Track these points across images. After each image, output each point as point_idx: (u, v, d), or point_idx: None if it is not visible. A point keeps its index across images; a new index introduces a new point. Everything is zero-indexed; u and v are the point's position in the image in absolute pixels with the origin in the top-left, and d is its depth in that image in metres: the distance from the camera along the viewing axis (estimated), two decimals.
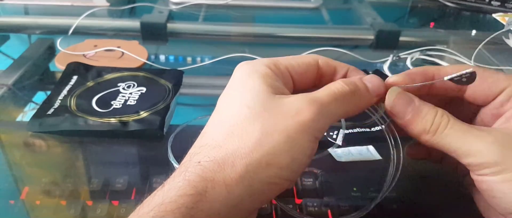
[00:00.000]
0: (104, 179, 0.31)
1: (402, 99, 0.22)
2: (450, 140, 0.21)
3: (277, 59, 0.23)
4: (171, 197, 0.19)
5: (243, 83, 0.22)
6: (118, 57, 0.51)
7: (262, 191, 0.20)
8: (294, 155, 0.20)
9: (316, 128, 0.20)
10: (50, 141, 0.36)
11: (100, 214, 0.28)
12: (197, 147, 0.21)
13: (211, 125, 0.22)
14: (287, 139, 0.19)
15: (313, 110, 0.20)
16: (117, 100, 0.40)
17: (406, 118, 0.22)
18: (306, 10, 0.72)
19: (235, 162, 0.19)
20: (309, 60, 0.24)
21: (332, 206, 0.29)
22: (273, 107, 0.20)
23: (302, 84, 0.24)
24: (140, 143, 0.36)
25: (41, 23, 0.60)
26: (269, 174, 0.19)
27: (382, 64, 0.52)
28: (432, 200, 0.31)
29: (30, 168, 0.33)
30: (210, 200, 0.19)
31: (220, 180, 0.19)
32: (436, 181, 0.32)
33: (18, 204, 0.29)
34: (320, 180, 0.32)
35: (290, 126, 0.20)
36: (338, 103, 0.21)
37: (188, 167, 0.20)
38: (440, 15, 0.75)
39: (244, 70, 0.23)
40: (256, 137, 0.19)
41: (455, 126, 0.21)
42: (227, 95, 0.22)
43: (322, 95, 0.21)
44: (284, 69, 0.23)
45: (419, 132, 0.22)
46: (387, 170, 0.27)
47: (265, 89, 0.21)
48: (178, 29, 0.59)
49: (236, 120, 0.20)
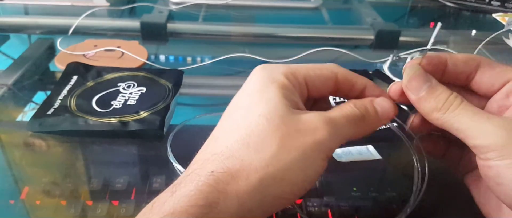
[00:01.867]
0: (104, 179, 0.31)
1: (419, 77, 0.23)
2: (460, 119, 0.21)
3: (296, 68, 0.23)
4: (182, 206, 0.18)
5: (260, 93, 0.21)
6: (118, 57, 0.51)
7: (272, 205, 0.20)
8: (307, 172, 0.20)
9: (329, 147, 0.21)
10: (50, 141, 0.36)
11: (100, 214, 0.28)
12: (210, 153, 0.20)
13: (224, 130, 0.21)
14: (303, 156, 0.20)
15: (329, 129, 0.20)
16: (117, 100, 0.40)
17: (420, 94, 0.22)
18: (306, 10, 0.72)
19: (250, 175, 0.19)
20: (328, 73, 0.24)
21: (332, 206, 0.29)
22: (291, 122, 0.20)
23: (316, 94, 0.24)
24: (140, 143, 0.36)
25: (41, 23, 0.60)
26: (282, 189, 0.19)
27: (382, 64, 0.52)
28: (432, 199, 0.31)
29: (30, 168, 0.33)
30: (220, 211, 0.18)
31: (232, 192, 0.19)
32: (436, 181, 0.32)
33: (18, 204, 0.29)
34: (320, 180, 0.32)
35: (307, 143, 0.20)
36: (350, 125, 0.21)
37: (201, 175, 0.19)
38: (440, 15, 0.75)
39: (262, 77, 0.22)
40: (273, 151, 0.19)
41: (466, 107, 0.21)
42: (242, 100, 0.22)
43: (336, 116, 0.21)
44: (302, 80, 0.23)
45: (431, 109, 0.22)
46: (388, 170, 0.27)
47: (283, 103, 0.21)
48: (178, 29, 0.59)
49: (253, 130, 0.20)
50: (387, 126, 0.37)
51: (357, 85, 0.24)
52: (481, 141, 0.20)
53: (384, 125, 0.24)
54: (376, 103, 0.23)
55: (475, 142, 0.21)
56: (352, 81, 0.24)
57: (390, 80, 0.47)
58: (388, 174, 0.35)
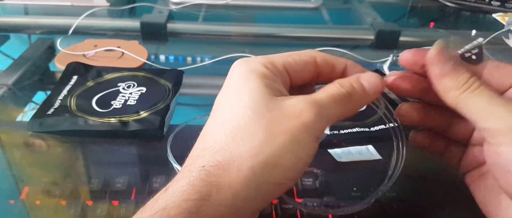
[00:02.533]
0: (104, 179, 0.31)
1: (446, 53, 0.22)
2: (476, 101, 0.21)
3: (274, 57, 0.23)
4: (174, 201, 0.18)
5: (242, 84, 0.22)
6: (118, 57, 0.51)
7: (268, 192, 0.20)
8: (298, 155, 0.20)
9: (317, 128, 0.21)
10: (50, 141, 0.36)
11: (100, 214, 0.28)
12: (200, 149, 0.21)
13: (211, 126, 0.22)
14: (292, 139, 0.20)
15: (314, 111, 0.20)
16: (117, 100, 0.40)
17: (445, 69, 0.22)
18: (306, 10, 0.72)
19: (241, 165, 0.19)
20: (307, 58, 0.24)
21: (332, 206, 0.29)
22: (275, 109, 0.20)
23: (299, 80, 0.24)
24: (140, 143, 0.36)
25: (41, 23, 0.60)
26: (275, 175, 0.20)
27: (382, 64, 0.52)
28: (431, 200, 0.31)
29: (30, 168, 0.33)
30: (214, 204, 0.18)
31: (225, 184, 0.19)
32: (436, 181, 0.32)
33: (18, 204, 0.29)
34: (320, 180, 0.32)
35: (294, 126, 0.20)
36: (336, 105, 0.21)
37: (192, 171, 0.20)
38: (440, 15, 0.75)
39: (242, 70, 0.22)
40: (261, 139, 0.19)
41: (485, 90, 0.21)
42: (226, 96, 0.22)
43: (322, 98, 0.21)
44: (282, 68, 0.23)
45: (451, 86, 0.22)
46: (388, 168, 0.27)
47: (266, 91, 0.21)
48: (178, 29, 0.59)
49: (239, 121, 0.20)
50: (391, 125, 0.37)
51: (337, 67, 0.24)
52: (493, 124, 0.20)
53: (373, 100, 0.24)
54: (362, 79, 0.23)
55: (486, 124, 0.20)
56: (332, 63, 0.24)
57: None
58: (389, 174, 0.35)
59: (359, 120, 0.39)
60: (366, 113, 0.40)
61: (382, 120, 0.38)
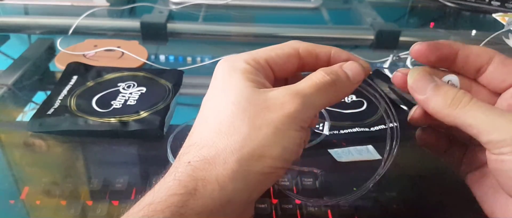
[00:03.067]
0: (104, 179, 0.31)
1: (424, 77, 0.23)
2: (473, 114, 0.21)
3: (256, 52, 0.23)
4: (161, 197, 0.19)
5: (225, 82, 0.22)
6: (118, 57, 0.51)
7: (258, 182, 0.20)
8: (284, 144, 0.20)
9: (301, 118, 0.21)
10: (50, 141, 0.36)
11: (100, 214, 0.28)
12: (186, 147, 0.21)
13: (197, 125, 0.22)
14: (275, 131, 0.20)
15: (297, 101, 0.20)
16: (117, 100, 0.40)
17: (427, 93, 0.22)
18: (306, 10, 0.72)
19: (227, 159, 0.19)
20: (289, 50, 0.24)
21: (332, 207, 0.29)
22: (258, 101, 0.21)
23: (283, 73, 0.24)
24: (140, 143, 0.36)
25: (41, 23, 0.60)
26: (262, 165, 0.20)
27: (382, 64, 0.52)
28: (432, 200, 0.31)
29: (30, 168, 0.33)
30: (201, 197, 0.19)
31: (212, 178, 0.19)
32: (436, 181, 0.32)
33: (18, 204, 0.29)
34: (320, 180, 0.32)
35: (277, 118, 0.20)
36: (320, 93, 0.22)
37: (178, 167, 0.20)
38: (440, 15, 0.75)
39: (224, 68, 0.23)
40: (244, 132, 0.20)
41: (477, 103, 0.21)
42: (211, 94, 0.23)
43: (305, 87, 0.21)
44: (264, 63, 0.23)
45: (440, 106, 0.22)
46: (387, 170, 0.27)
47: (248, 85, 0.21)
48: (178, 29, 0.59)
49: (223, 117, 0.21)
50: (387, 126, 0.37)
51: (321, 55, 0.24)
52: (496, 136, 0.20)
53: (355, 88, 0.24)
54: (346, 68, 0.23)
55: (489, 137, 0.21)
56: (315, 52, 0.24)
57: (390, 80, 0.47)
58: (389, 174, 0.35)
59: (359, 120, 0.39)
60: (366, 113, 0.40)
61: (382, 119, 0.38)
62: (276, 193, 0.30)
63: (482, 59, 0.23)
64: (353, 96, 0.42)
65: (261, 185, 0.21)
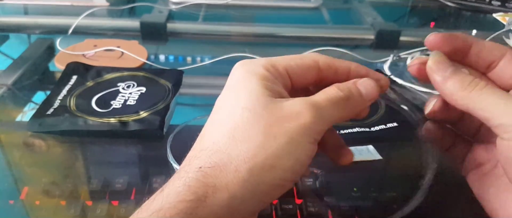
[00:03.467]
0: (103, 179, 0.31)
1: (444, 61, 0.23)
2: (486, 98, 0.21)
3: (276, 60, 0.23)
4: (170, 202, 0.18)
5: (242, 86, 0.22)
6: (118, 57, 0.51)
7: (266, 193, 0.20)
8: (297, 156, 0.20)
9: (315, 130, 0.21)
10: (50, 141, 0.36)
11: (100, 214, 0.28)
12: (197, 150, 0.21)
13: (210, 127, 0.22)
14: (290, 141, 0.20)
15: (313, 113, 0.20)
16: (117, 100, 0.40)
17: (446, 73, 0.22)
18: (306, 10, 0.72)
19: (239, 167, 0.19)
20: (309, 62, 0.24)
21: (333, 207, 0.29)
22: (274, 110, 0.20)
23: (301, 83, 0.24)
24: (139, 143, 0.36)
25: (40, 23, 0.59)
26: (273, 176, 0.19)
27: (383, 64, 0.52)
28: (432, 200, 0.31)
29: (30, 168, 0.33)
30: (210, 205, 0.18)
31: (222, 185, 0.19)
32: (436, 181, 0.32)
33: (18, 204, 0.29)
34: (320, 180, 0.32)
35: (292, 128, 0.20)
36: (334, 108, 0.22)
37: (189, 172, 0.20)
38: (441, 15, 0.75)
39: (242, 72, 0.22)
40: (259, 140, 0.19)
41: (493, 88, 0.21)
42: (226, 97, 0.22)
43: (320, 100, 0.21)
44: (283, 71, 0.23)
45: (456, 88, 0.22)
46: (387, 170, 0.27)
47: (265, 93, 0.21)
48: (178, 29, 0.59)
49: (237, 123, 0.20)
50: (388, 126, 0.37)
51: (340, 70, 0.24)
52: (506, 120, 0.20)
53: (369, 104, 0.24)
54: (359, 85, 0.23)
55: (500, 120, 0.21)
56: (335, 66, 0.24)
57: (390, 80, 0.47)
58: (389, 174, 0.35)
59: (360, 120, 0.39)
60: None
61: (382, 120, 0.38)
62: None
63: (494, 54, 0.23)
64: None
65: (268, 197, 0.20)
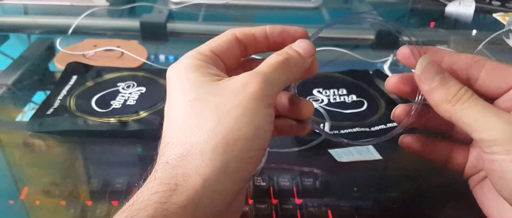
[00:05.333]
0: (103, 179, 0.31)
1: (432, 68, 0.23)
2: (469, 112, 0.21)
3: (200, 47, 0.24)
4: (143, 196, 0.19)
5: (182, 82, 0.22)
6: (118, 57, 0.51)
7: (239, 168, 0.20)
8: (256, 123, 0.20)
9: (266, 94, 0.21)
10: (50, 141, 0.36)
11: (100, 214, 0.28)
12: (161, 149, 0.21)
13: (167, 127, 0.22)
14: (245, 110, 0.20)
15: (259, 79, 0.21)
16: (117, 100, 0.40)
17: (432, 84, 0.23)
18: (306, 10, 0.72)
19: (203, 149, 0.19)
20: (228, 36, 0.25)
21: (332, 206, 0.29)
22: (220, 90, 0.21)
23: (231, 60, 0.25)
24: (139, 143, 0.36)
25: (40, 23, 0.60)
26: (240, 148, 0.20)
27: (383, 64, 0.52)
28: (432, 199, 0.31)
29: (30, 168, 0.33)
30: (184, 191, 0.18)
31: (192, 171, 0.19)
32: (436, 181, 0.32)
33: (18, 204, 0.29)
34: (320, 180, 0.32)
35: (244, 98, 0.20)
36: (278, 71, 0.22)
37: (157, 169, 0.20)
38: (441, 15, 0.75)
39: (176, 71, 0.23)
40: (214, 120, 0.20)
41: (476, 101, 0.22)
42: (172, 98, 0.23)
43: (262, 67, 0.22)
44: (210, 54, 0.24)
45: (441, 100, 0.22)
46: (387, 170, 0.26)
47: (205, 79, 0.21)
48: (177, 29, 0.59)
49: (190, 113, 0.21)
50: (391, 125, 0.37)
51: (258, 34, 0.25)
52: (488, 134, 0.21)
53: (308, 63, 0.24)
54: (295, 46, 0.24)
55: (481, 135, 0.21)
56: (251, 33, 0.25)
57: None
58: (389, 174, 0.35)
59: (360, 120, 0.39)
60: (367, 113, 0.40)
61: (383, 119, 0.38)
62: (276, 193, 0.30)
63: (471, 67, 0.24)
64: (353, 96, 0.42)
65: (243, 172, 0.20)
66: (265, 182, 0.31)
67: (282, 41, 0.25)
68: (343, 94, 0.42)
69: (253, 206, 0.29)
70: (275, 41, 0.25)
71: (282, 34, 0.25)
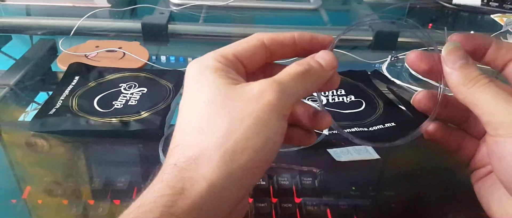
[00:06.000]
0: (105, 179, 0.31)
1: (458, 52, 0.24)
2: (482, 96, 0.22)
3: (224, 49, 0.24)
4: (149, 198, 0.19)
5: (199, 82, 0.22)
6: (120, 58, 0.51)
7: (243, 177, 0.20)
8: (267, 134, 0.20)
9: (282, 106, 0.21)
10: (52, 141, 0.36)
11: (102, 213, 0.28)
12: (170, 150, 0.21)
13: (179, 128, 0.22)
14: (257, 121, 0.20)
15: (276, 89, 0.21)
16: (119, 100, 0.40)
17: (455, 65, 0.23)
18: (305, 11, 0.73)
19: (211, 156, 0.19)
20: (254, 41, 0.24)
21: (331, 205, 0.30)
22: (236, 96, 0.21)
23: (254, 65, 0.24)
24: (141, 142, 0.36)
25: (43, 24, 0.60)
26: (247, 158, 0.20)
27: (381, 64, 0.52)
28: (431, 199, 0.31)
29: (32, 168, 0.34)
30: (190, 196, 0.19)
31: (198, 176, 0.19)
32: (436, 181, 0.33)
33: (20, 203, 0.30)
34: (319, 180, 0.32)
35: (258, 108, 0.20)
36: (296, 82, 0.22)
37: (165, 170, 0.20)
38: (439, 16, 0.75)
39: (196, 69, 0.23)
40: (226, 127, 0.20)
41: (491, 86, 0.22)
42: (187, 97, 0.23)
43: (280, 77, 0.22)
44: (233, 58, 0.23)
45: (459, 82, 0.23)
46: (385, 169, 0.27)
47: (223, 82, 0.21)
48: (179, 30, 0.60)
49: (203, 116, 0.21)
50: (389, 125, 0.38)
51: (286, 41, 0.25)
52: (495, 118, 0.21)
53: (330, 75, 0.24)
54: (318, 57, 0.24)
55: (489, 118, 0.22)
56: (279, 39, 0.24)
57: (388, 81, 0.48)
58: (387, 173, 0.35)
59: (358, 120, 0.39)
60: (365, 113, 0.40)
61: (381, 120, 0.39)
62: (275, 192, 0.31)
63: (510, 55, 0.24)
64: (352, 96, 0.42)
65: (247, 181, 0.20)
66: (264, 181, 0.31)
67: (309, 49, 0.25)
68: (342, 94, 0.43)
69: (253, 204, 0.29)
70: (303, 48, 0.25)
71: (310, 42, 0.25)
